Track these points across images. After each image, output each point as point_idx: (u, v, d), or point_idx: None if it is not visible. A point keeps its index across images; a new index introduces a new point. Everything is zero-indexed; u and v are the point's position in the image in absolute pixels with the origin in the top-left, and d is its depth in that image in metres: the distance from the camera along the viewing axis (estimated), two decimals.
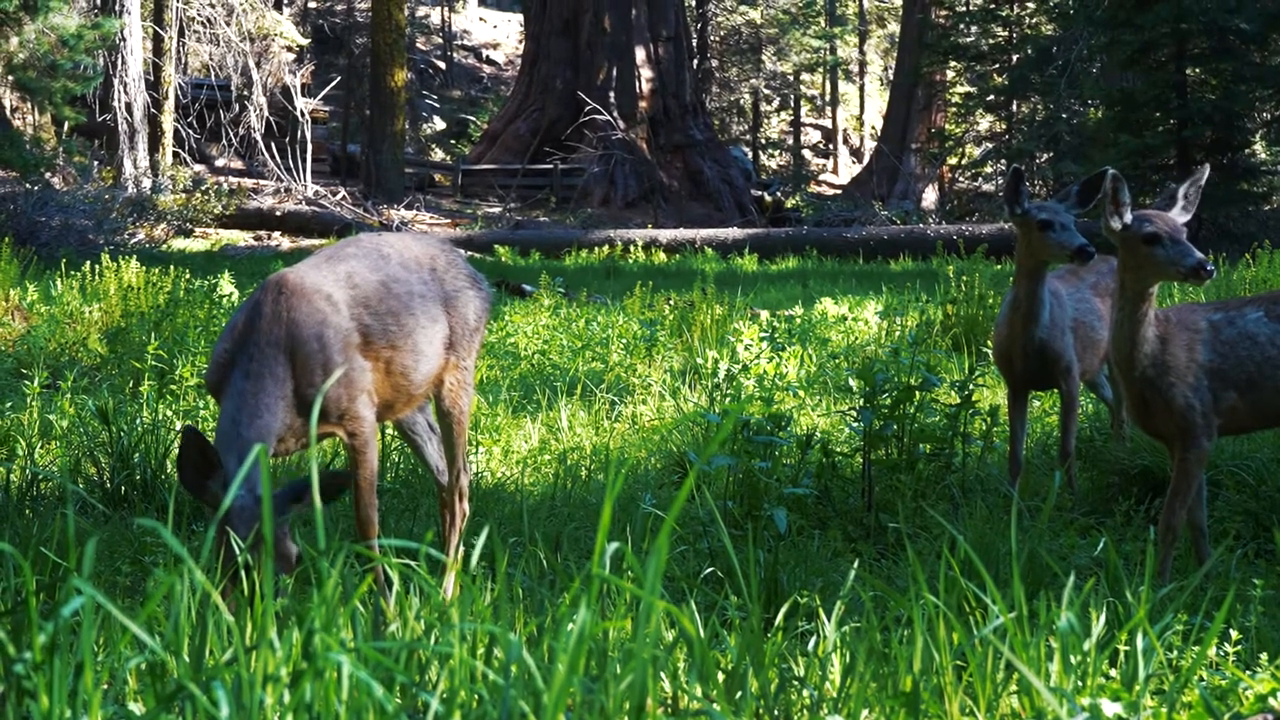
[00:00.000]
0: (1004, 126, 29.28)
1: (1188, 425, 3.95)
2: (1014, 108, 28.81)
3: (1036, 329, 5.06)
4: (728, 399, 6.85)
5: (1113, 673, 2.69)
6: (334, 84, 32.22)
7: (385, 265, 4.05)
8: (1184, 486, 3.98)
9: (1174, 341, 3.96)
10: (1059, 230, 4.90)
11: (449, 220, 28.35)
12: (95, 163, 22.65)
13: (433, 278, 4.19)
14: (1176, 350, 3.95)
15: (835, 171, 42.16)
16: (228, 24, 27.57)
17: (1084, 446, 5.54)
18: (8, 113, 21.90)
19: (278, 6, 35.06)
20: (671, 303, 11.53)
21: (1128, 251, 3.91)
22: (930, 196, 32.78)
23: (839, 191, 36.37)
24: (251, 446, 3.46)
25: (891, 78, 37.96)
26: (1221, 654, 3.07)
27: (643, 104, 32.31)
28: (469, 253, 21.00)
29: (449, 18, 47.05)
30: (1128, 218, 3.92)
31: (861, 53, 44.77)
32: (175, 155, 26.71)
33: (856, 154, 44.06)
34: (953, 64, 30.96)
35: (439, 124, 41.25)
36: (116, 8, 23.53)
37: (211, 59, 28.27)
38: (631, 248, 21.88)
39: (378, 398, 3.93)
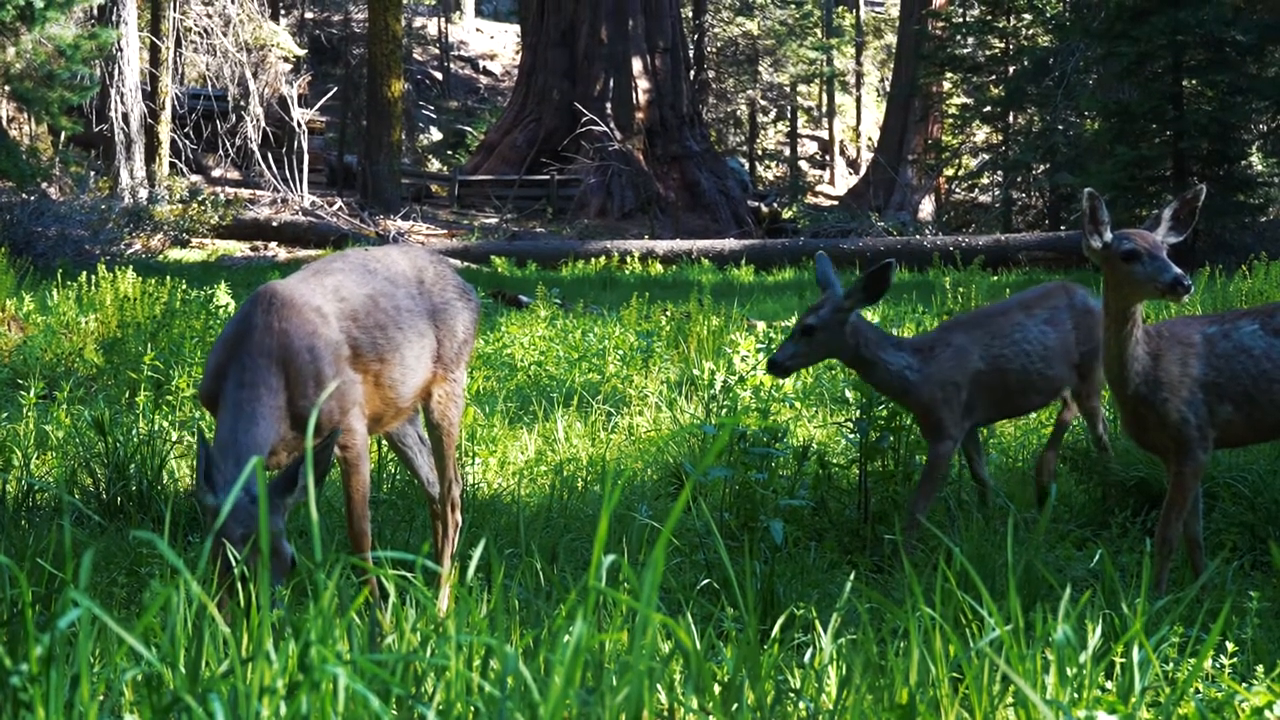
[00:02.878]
0: (1000, 138, 29.29)
1: (1183, 439, 3.95)
2: (1010, 119, 28.83)
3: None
4: (724, 410, 6.85)
5: (1109, 685, 2.70)
6: (331, 94, 32.22)
7: (372, 279, 4.04)
8: (1180, 499, 3.98)
9: (1167, 356, 3.96)
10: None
11: (445, 231, 28.34)
12: (92, 173, 22.64)
13: (420, 291, 4.18)
14: (1169, 365, 3.95)
15: (832, 183, 42.19)
16: (225, 34, 27.60)
17: (1079, 458, 5.55)
18: (4, 123, 21.88)
19: (275, 17, 35.08)
20: (668, 314, 11.53)
21: (1109, 270, 3.91)
22: (927, 208, 32.81)
23: (835, 203, 36.40)
24: (248, 454, 3.45)
25: (888, 89, 38.01)
26: (1218, 666, 3.07)
27: (639, 115, 32.34)
28: (465, 263, 21.00)
29: (446, 28, 47.08)
30: (1108, 236, 3.91)
31: (858, 64, 44.85)
32: (172, 165, 26.72)
33: (853, 165, 44.09)
34: (949, 75, 31.01)
35: (436, 135, 41.28)
36: (113, 18, 23.56)
37: (208, 69, 28.26)
38: (628, 259, 21.87)
39: (367, 411, 3.92)
